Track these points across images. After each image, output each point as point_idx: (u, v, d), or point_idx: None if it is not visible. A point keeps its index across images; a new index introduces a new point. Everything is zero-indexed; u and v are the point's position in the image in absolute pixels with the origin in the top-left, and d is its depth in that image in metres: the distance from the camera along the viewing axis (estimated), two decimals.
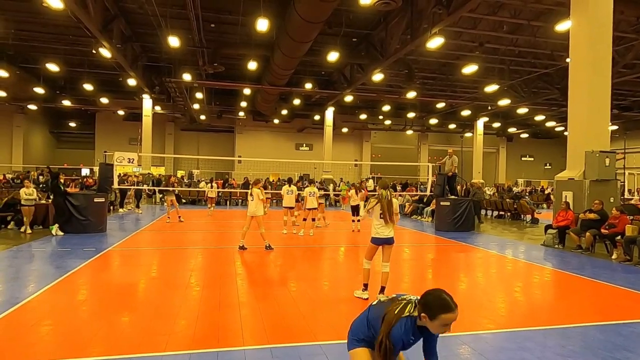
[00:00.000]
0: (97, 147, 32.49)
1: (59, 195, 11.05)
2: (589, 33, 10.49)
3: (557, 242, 10.48)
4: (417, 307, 2.17)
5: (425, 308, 2.12)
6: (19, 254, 8.24)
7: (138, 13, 15.65)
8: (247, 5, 14.43)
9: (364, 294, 5.60)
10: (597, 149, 10.25)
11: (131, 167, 22.32)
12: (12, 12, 15.87)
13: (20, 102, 27.51)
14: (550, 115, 30.68)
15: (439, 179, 14.63)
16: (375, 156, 36.51)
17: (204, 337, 4.17)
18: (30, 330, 4.26)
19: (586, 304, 5.84)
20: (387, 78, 21.77)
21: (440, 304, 2.11)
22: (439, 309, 2.10)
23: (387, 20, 15.95)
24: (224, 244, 10.38)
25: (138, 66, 20.72)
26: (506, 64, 20.67)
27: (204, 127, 33.65)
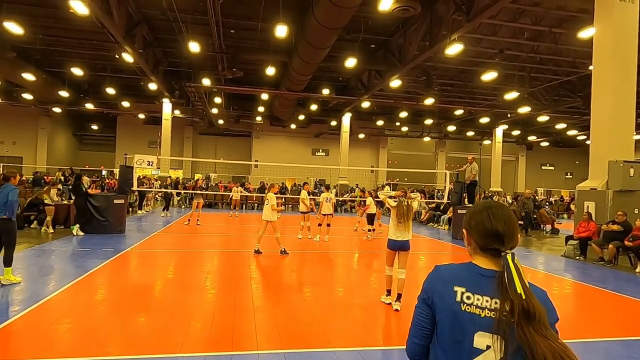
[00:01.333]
0: (117, 149, 33.16)
1: (80, 196, 11.29)
2: (613, 40, 10.27)
3: (578, 253, 10.23)
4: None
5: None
6: (41, 252, 8.44)
7: (160, 19, 15.97)
8: (267, 11, 14.59)
9: (387, 299, 5.71)
10: (621, 159, 9.99)
11: (150, 169, 22.72)
12: (40, 17, 16.38)
13: (45, 105, 28.29)
14: (571, 124, 30.06)
15: (456, 187, 14.47)
16: (392, 163, 36.30)
17: (218, 339, 4.19)
18: (51, 327, 4.35)
19: (609, 317, 5.67)
20: (405, 84, 21.67)
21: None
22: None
23: (405, 26, 15.91)
24: (240, 248, 10.43)
25: (159, 71, 21.11)
26: (527, 71, 20.37)
27: (222, 132, 34.03)
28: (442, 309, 1.36)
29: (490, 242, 1.38)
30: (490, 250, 1.38)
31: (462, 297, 1.33)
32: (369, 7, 13.55)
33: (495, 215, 1.41)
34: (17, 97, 26.68)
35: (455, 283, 1.36)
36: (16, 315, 4.61)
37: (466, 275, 1.38)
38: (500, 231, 1.38)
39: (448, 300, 1.35)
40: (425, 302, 1.42)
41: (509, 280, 1.27)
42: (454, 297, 1.34)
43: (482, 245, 1.41)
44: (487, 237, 1.40)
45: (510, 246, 1.36)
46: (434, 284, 1.41)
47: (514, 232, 1.39)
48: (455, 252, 11.24)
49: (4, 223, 5.85)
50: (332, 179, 29.18)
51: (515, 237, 1.39)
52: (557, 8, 13.91)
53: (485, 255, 1.41)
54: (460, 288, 1.35)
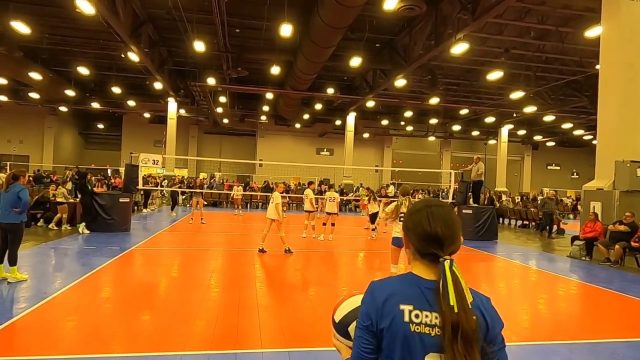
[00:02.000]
0: (123, 148, 33.33)
1: (86, 195, 11.36)
2: (620, 39, 10.18)
3: (584, 254, 10.16)
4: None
5: None
6: (47, 250, 8.50)
7: (165, 19, 16.03)
8: (271, 10, 14.59)
9: None
10: (628, 159, 9.90)
11: (156, 168, 22.82)
12: (47, 17, 16.48)
13: (52, 104, 28.48)
14: (578, 123, 29.85)
15: (461, 187, 14.42)
16: (397, 162, 36.21)
17: (222, 338, 4.20)
18: (56, 325, 4.38)
19: (615, 318, 5.63)
20: (410, 84, 21.60)
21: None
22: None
23: (411, 25, 15.86)
24: (244, 247, 10.46)
25: (164, 70, 21.19)
26: (533, 70, 20.25)
27: (227, 131, 34.11)
28: (390, 333, 1.18)
29: (428, 247, 1.24)
30: (428, 255, 1.24)
31: (411, 316, 1.17)
32: (374, 6, 13.52)
33: (434, 216, 1.26)
34: (24, 96, 26.89)
35: (400, 300, 1.20)
36: (22, 312, 4.65)
37: (409, 289, 1.22)
38: (439, 234, 1.23)
39: (396, 323, 1.17)
40: (367, 330, 1.21)
41: (443, 291, 1.16)
42: (401, 317, 1.17)
43: (420, 250, 1.27)
44: (424, 241, 1.25)
45: (451, 251, 1.24)
46: (376, 306, 1.21)
47: (455, 235, 1.26)
48: (460, 251, 11.11)
49: (12, 225, 5.89)
50: (337, 179, 29.17)
51: (456, 242, 1.26)
52: (564, 7, 13.81)
53: (424, 261, 1.26)
54: (407, 306, 1.18)
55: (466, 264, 9.68)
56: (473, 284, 7.45)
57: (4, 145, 31.02)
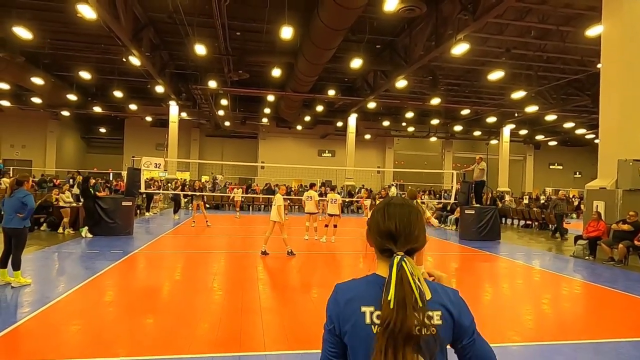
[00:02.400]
0: (125, 152, 33.40)
1: (89, 199, 11.39)
2: (621, 37, 10.16)
3: (587, 253, 10.12)
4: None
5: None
6: (50, 254, 8.52)
7: (166, 22, 16.07)
8: (272, 13, 14.63)
9: None
10: (630, 158, 9.87)
11: (158, 172, 22.87)
12: (48, 22, 16.56)
13: (54, 109, 28.57)
14: (580, 123, 29.77)
15: (463, 187, 14.39)
16: (398, 163, 36.19)
17: (225, 341, 4.20)
18: (60, 329, 4.39)
19: (619, 318, 5.60)
20: (411, 84, 21.60)
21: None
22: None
23: (411, 26, 15.86)
24: (247, 249, 10.46)
25: (166, 74, 21.25)
26: (534, 70, 20.21)
27: (228, 133, 34.16)
28: (353, 336, 1.17)
29: (383, 242, 1.24)
30: (385, 252, 1.24)
31: (372, 318, 1.16)
32: (375, 8, 13.53)
33: (390, 214, 1.26)
34: (26, 101, 26.98)
35: (362, 302, 1.19)
36: (26, 316, 4.66)
37: (370, 290, 1.20)
38: (392, 230, 1.22)
39: (358, 325, 1.17)
40: (332, 333, 1.22)
41: (386, 287, 1.14)
42: (363, 319, 1.16)
43: (378, 247, 1.26)
44: (380, 237, 1.25)
45: (407, 248, 1.21)
46: (338, 309, 1.21)
47: (410, 232, 1.23)
48: (462, 252, 11.18)
49: (16, 230, 5.91)
50: (339, 180, 29.16)
51: (412, 239, 1.22)
52: (565, 6, 13.79)
53: (383, 259, 1.26)
54: (368, 308, 1.17)
55: (469, 264, 9.67)
56: (476, 284, 7.45)
57: (7, 150, 31.15)
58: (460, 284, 7.61)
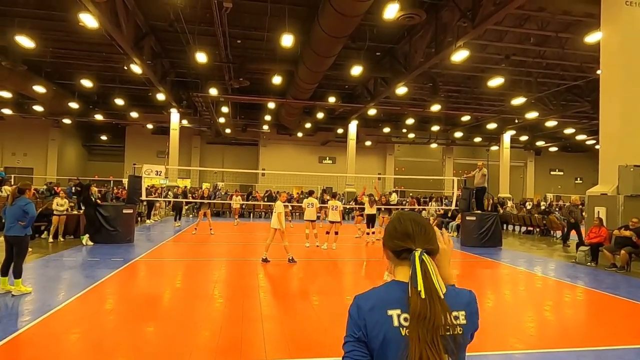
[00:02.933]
0: (126, 159, 33.45)
1: (90, 206, 11.39)
2: (620, 44, 10.22)
3: (589, 259, 10.09)
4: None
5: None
6: (51, 262, 8.51)
7: (168, 31, 16.17)
8: (272, 21, 14.73)
9: None
10: (631, 163, 9.88)
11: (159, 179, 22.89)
12: (50, 31, 16.67)
13: (55, 117, 28.66)
14: (580, 128, 29.78)
15: (464, 193, 14.38)
16: (399, 170, 36.19)
17: (226, 349, 4.18)
18: (60, 337, 4.37)
19: (622, 325, 5.57)
20: (411, 91, 21.66)
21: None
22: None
23: (411, 34, 15.95)
24: (248, 256, 10.44)
25: (167, 81, 21.34)
26: (533, 76, 20.28)
27: (229, 141, 34.21)
28: (381, 340, 1.16)
29: (400, 243, 1.29)
30: (404, 253, 1.27)
31: (400, 320, 1.17)
32: (374, 16, 13.62)
33: (404, 219, 1.34)
34: (28, 109, 27.07)
35: (387, 306, 1.19)
36: (26, 325, 4.64)
37: (393, 294, 1.22)
38: (409, 231, 1.29)
39: (385, 328, 1.17)
40: (359, 341, 1.19)
41: (412, 279, 1.17)
42: (391, 322, 1.17)
43: (395, 249, 1.30)
44: (397, 239, 1.30)
45: (424, 248, 1.26)
46: (363, 316, 1.21)
47: (426, 232, 1.30)
48: (464, 259, 11.14)
49: (17, 238, 5.91)
50: (340, 187, 29.15)
51: (427, 239, 1.29)
52: (563, 13, 13.87)
53: (402, 264, 1.29)
54: (394, 311, 1.18)
55: (471, 271, 9.63)
56: (478, 291, 7.40)
57: (8, 158, 31.22)
58: None
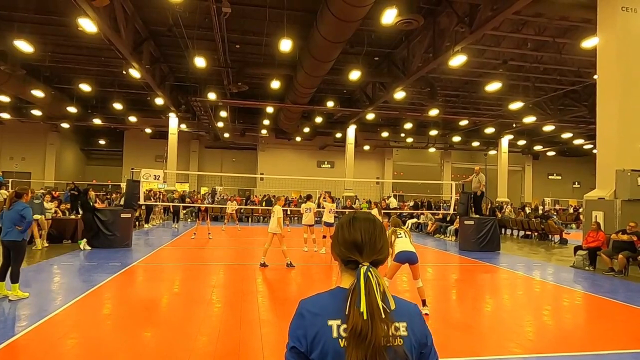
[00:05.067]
0: (124, 164, 33.40)
1: (87, 211, 11.37)
2: (617, 49, 10.29)
3: (587, 263, 10.10)
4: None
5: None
6: (48, 267, 8.48)
7: (166, 35, 16.23)
8: (271, 26, 14.79)
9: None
10: (628, 168, 9.92)
11: (157, 183, 22.86)
12: (49, 36, 16.70)
13: (54, 121, 28.65)
14: (578, 133, 29.91)
15: (462, 198, 14.40)
16: (397, 174, 36.23)
17: (225, 354, 4.17)
18: (57, 342, 4.35)
19: (620, 329, 5.57)
20: (409, 96, 21.74)
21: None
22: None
23: (409, 39, 16.03)
24: (246, 261, 10.42)
25: (165, 86, 21.37)
26: (531, 81, 20.38)
27: (228, 145, 34.23)
28: (320, 351, 1.13)
29: (348, 253, 1.25)
30: (351, 263, 1.24)
31: (339, 331, 1.14)
32: (373, 21, 13.69)
33: (355, 225, 1.29)
34: (26, 114, 27.07)
35: (328, 316, 1.16)
36: (23, 330, 4.62)
37: (336, 303, 1.18)
38: (358, 241, 1.24)
39: (325, 339, 1.13)
40: (296, 351, 1.15)
41: (353, 297, 1.14)
42: (330, 333, 1.14)
43: (343, 258, 1.27)
44: (345, 248, 1.26)
45: (373, 259, 1.23)
46: (304, 324, 1.17)
47: (375, 243, 1.25)
48: (462, 263, 11.14)
49: (15, 242, 5.90)
50: (338, 191, 29.15)
51: (377, 250, 1.25)
52: (560, 18, 13.97)
53: (348, 271, 1.26)
54: (334, 321, 1.15)
55: (469, 276, 9.63)
56: (476, 295, 7.42)
57: (6, 163, 31.13)
58: (461, 295, 7.57)
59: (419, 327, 1.22)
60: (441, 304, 6.72)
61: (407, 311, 1.23)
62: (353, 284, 1.17)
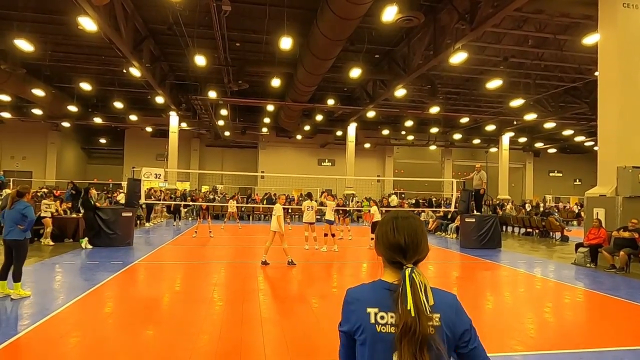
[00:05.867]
0: (125, 162, 33.43)
1: (89, 210, 11.38)
2: (618, 45, 10.25)
3: (588, 261, 10.09)
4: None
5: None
6: (50, 266, 8.50)
7: (167, 34, 16.21)
8: (271, 24, 14.76)
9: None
10: (629, 165, 9.90)
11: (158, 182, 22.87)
12: (49, 34, 16.70)
13: (55, 120, 28.67)
14: (579, 130, 29.87)
15: (463, 195, 14.39)
16: (398, 172, 36.21)
17: (226, 352, 4.18)
18: (59, 341, 4.36)
19: (622, 326, 5.57)
20: (410, 93, 21.70)
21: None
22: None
23: (409, 36, 15.99)
24: (247, 259, 10.43)
25: (166, 84, 21.36)
26: (532, 78, 20.34)
27: (228, 143, 34.24)
28: (360, 334, 1.31)
29: (393, 255, 1.36)
30: (394, 263, 1.36)
31: (376, 318, 1.30)
32: (373, 18, 13.66)
33: (399, 228, 1.38)
34: (27, 113, 27.08)
35: (368, 304, 1.33)
36: (26, 329, 4.63)
37: (376, 293, 1.35)
38: (402, 244, 1.35)
39: (364, 324, 1.31)
40: (344, 332, 1.37)
41: (402, 297, 1.26)
42: (368, 319, 1.31)
43: (387, 258, 1.39)
44: (390, 250, 1.37)
45: (415, 260, 1.35)
46: (350, 309, 1.37)
47: (418, 245, 1.37)
48: (463, 260, 11.15)
49: (16, 242, 5.91)
50: (339, 189, 29.16)
51: (419, 251, 1.36)
52: (561, 15, 13.93)
53: (391, 267, 1.38)
54: (372, 309, 1.32)
55: (470, 273, 9.63)
56: (477, 293, 7.42)
57: (7, 162, 31.17)
58: (462, 293, 7.57)
59: (451, 317, 1.32)
60: None
61: (443, 303, 1.33)
62: (399, 283, 1.30)
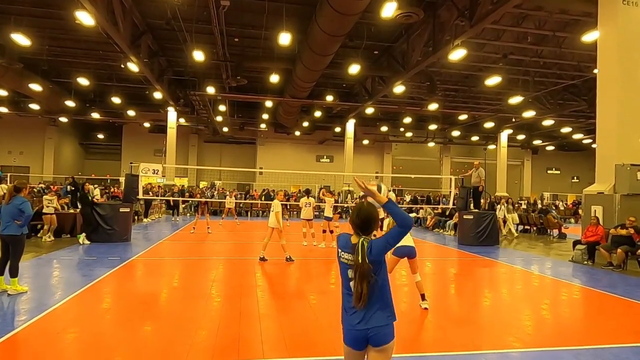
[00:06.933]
0: (123, 158, 33.35)
1: (86, 205, 11.35)
2: (617, 43, 10.25)
3: (586, 258, 10.12)
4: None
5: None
6: (47, 261, 8.48)
7: (165, 29, 16.11)
8: (270, 20, 14.69)
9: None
10: (627, 162, 9.91)
11: (156, 177, 22.83)
12: (47, 29, 16.58)
13: (52, 115, 28.55)
14: (577, 127, 29.88)
15: (461, 192, 14.40)
16: (396, 168, 36.23)
17: (224, 348, 4.18)
18: (57, 337, 4.35)
19: (619, 323, 5.59)
20: (409, 90, 21.67)
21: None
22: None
23: (408, 32, 15.95)
24: (245, 255, 10.43)
25: (164, 80, 21.27)
26: (531, 75, 20.31)
27: (227, 139, 34.15)
28: (337, 256, 2.55)
29: (355, 229, 2.44)
30: (356, 232, 2.43)
31: (342, 254, 2.48)
32: (372, 14, 13.60)
33: (360, 214, 2.42)
34: (24, 108, 26.95)
35: (339, 246, 2.51)
36: (23, 324, 4.62)
37: (343, 240, 2.50)
38: (359, 224, 2.42)
39: (338, 253, 2.53)
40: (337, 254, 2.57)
41: (356, 251, 2.33)
42: (340, 254, 2.50)
43: (353, 229, 2.45)
44: (354, 225, 2.45)
45: (367, 232, 2.40)
46: (337, 245, 2.57)
47: (368, 225, 2.41)
48: (461, 257, 11.16)
49: (13, 237, 5.88)
50: (337, 186, 29.16)
51: (368, 228, 2.40)
52: (561, 12, 13.90)
53: (354, 233, 2.44)
54: (341, 249, 2.49)
55: (468, 270, 9.65)
56: (475, 289, 7.44)
57: (4, 157, 31.06)
58: (460, 289, 7.59)
59: (374, 255, 2.35)
60: (440, 298, 6.73)
61: (373, 248, 2.34)
62: (356, 243, 2.36)
